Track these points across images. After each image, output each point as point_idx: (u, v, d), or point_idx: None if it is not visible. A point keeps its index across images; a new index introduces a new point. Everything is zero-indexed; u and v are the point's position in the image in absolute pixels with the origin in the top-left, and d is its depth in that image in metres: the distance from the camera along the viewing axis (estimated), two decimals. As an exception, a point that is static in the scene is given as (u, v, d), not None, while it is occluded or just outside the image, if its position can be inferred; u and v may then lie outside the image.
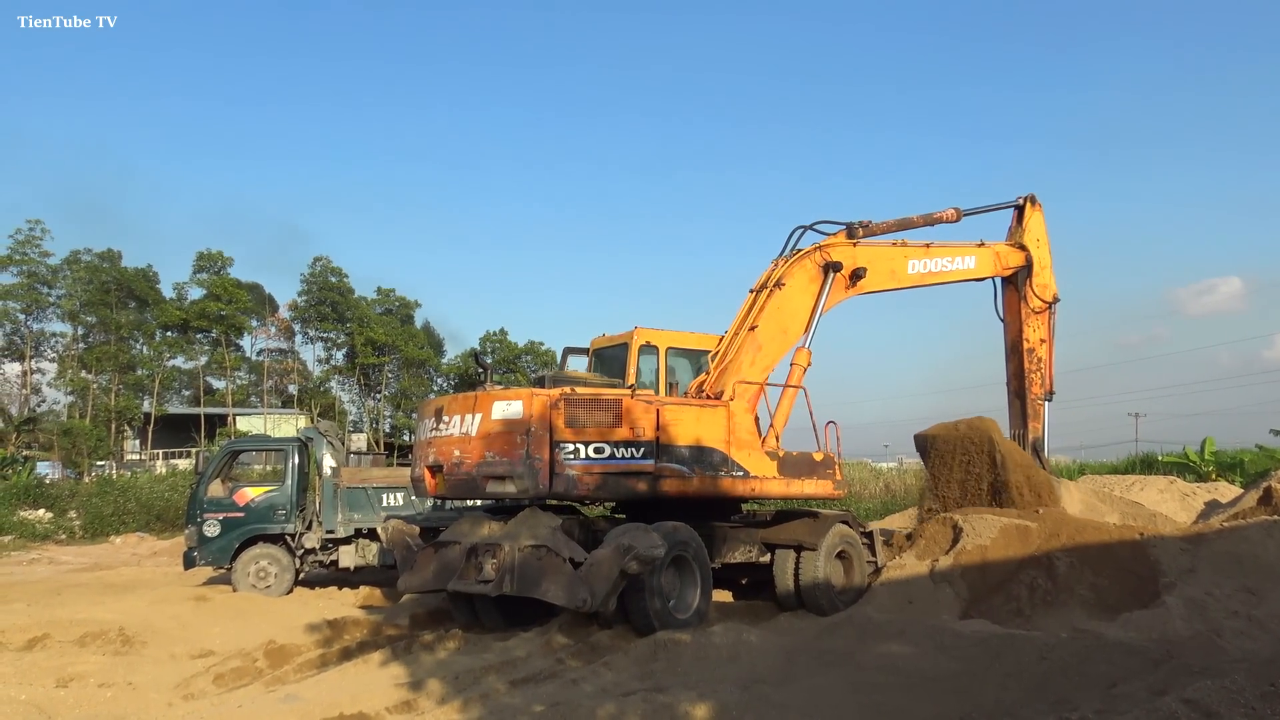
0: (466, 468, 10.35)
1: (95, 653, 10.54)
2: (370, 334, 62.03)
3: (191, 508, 15.92)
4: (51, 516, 30.06)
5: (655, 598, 9.72)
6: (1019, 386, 15.18)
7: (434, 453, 10.81)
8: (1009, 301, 15.24)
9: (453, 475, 10.50)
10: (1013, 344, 15.27)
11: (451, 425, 10.60)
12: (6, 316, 54.06)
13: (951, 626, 9.32)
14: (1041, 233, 15.21)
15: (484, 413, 10.28)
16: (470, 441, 10.35)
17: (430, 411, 11.23)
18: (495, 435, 10.17)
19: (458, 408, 10.65)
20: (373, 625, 11.53)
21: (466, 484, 10.46)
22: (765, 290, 12.50)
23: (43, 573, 21.09)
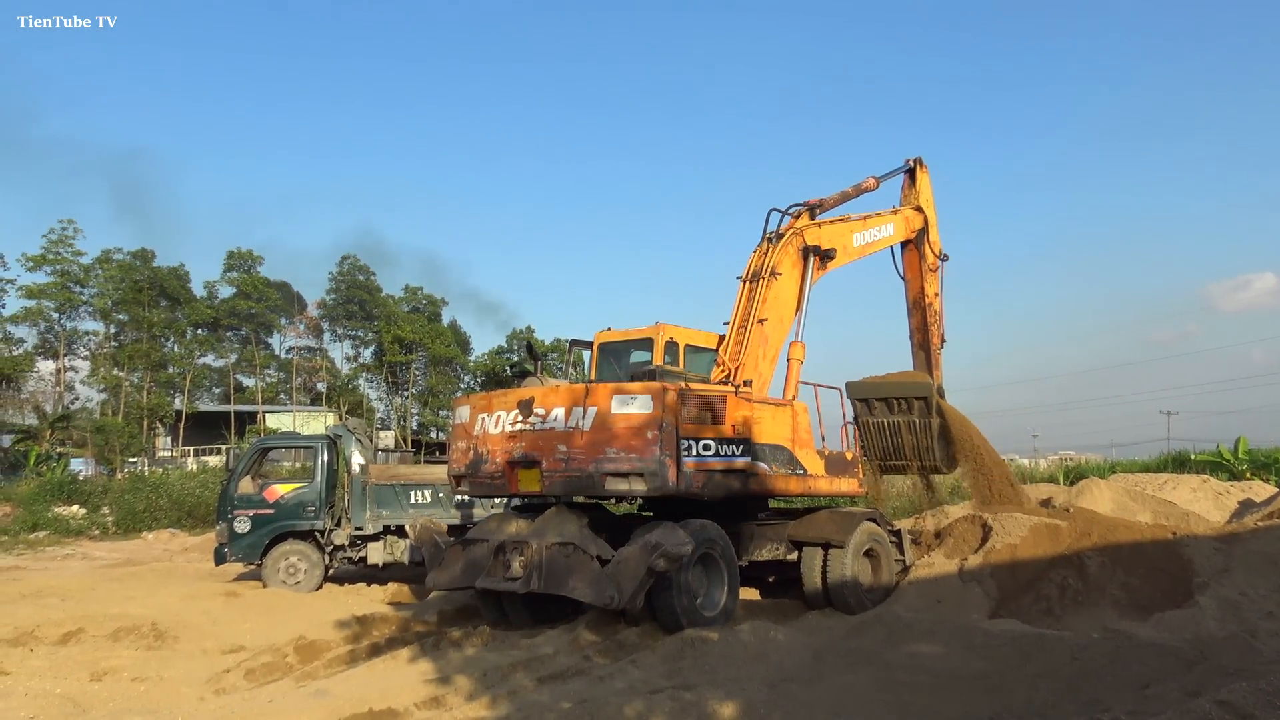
0: (580, 463, 10.00)
1: (128, 647, 10.68)
2: (397, 332, 62.44)
3: (222, 504, 16.07)
4: (85, 513, 30.42)
5: (683, 595, 9.71)
6: (923, 339, 15.90)
7: (520, 447, 10.37)
8: (909, 261, 15.73)
9: (559, 471, 10.09)
10: (914, 301, 15.88)
11: (551, 419, 10.18)
12: (41, 315, 54.72)
13: (981, 626, 9.26)
14: (930, 193, 15.69)
15: (599, 406, 10.02)
16: (583, 436, 10.01)
17: (505, 404, 10.63)
18: (619, 430, 9.98)
19: (558, 400, 10.24)
20: (401, 621, 11.59)
21: (580, 481, 10.08)
22: (762, 280, 12.30)
23: (76, 568, 21.35)
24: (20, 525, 28.61)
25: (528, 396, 10.43)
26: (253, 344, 62.00)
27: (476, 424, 10.86)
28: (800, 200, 13.34)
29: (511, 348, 65.22)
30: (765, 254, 12.55)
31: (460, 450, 10.98)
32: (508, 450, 10.48)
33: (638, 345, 12.43)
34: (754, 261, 12.56)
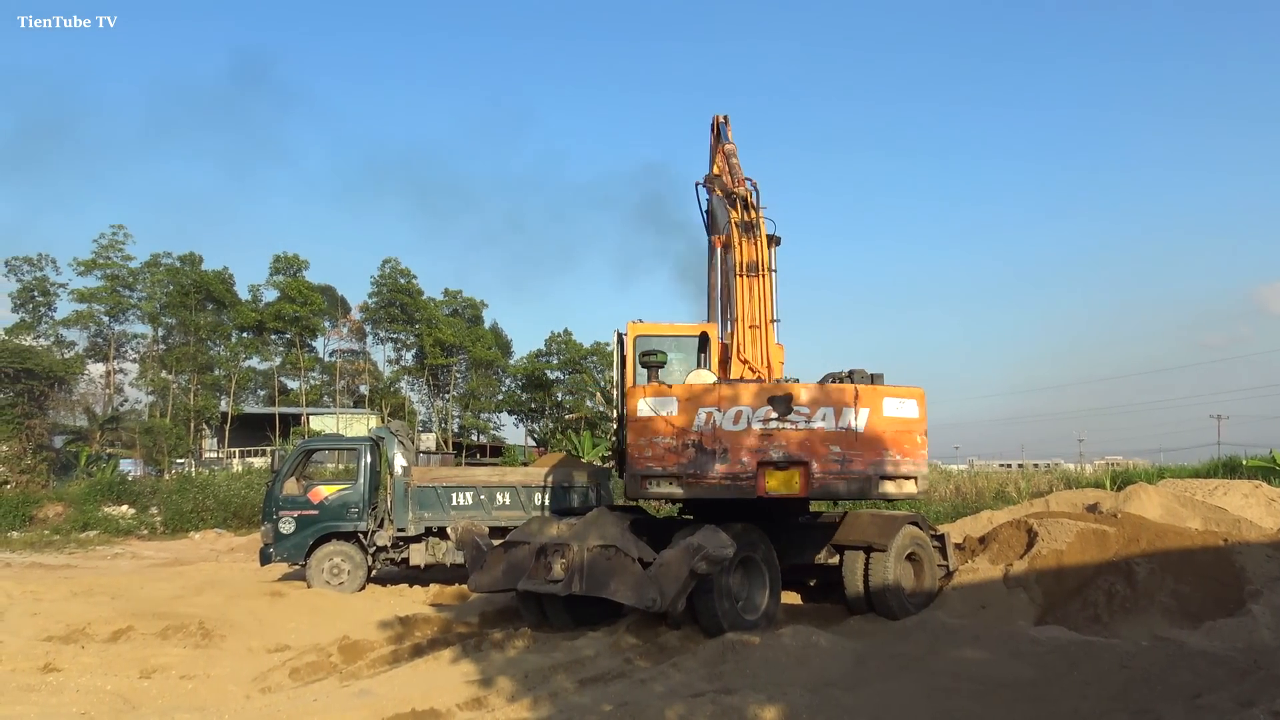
0: (858, 466, 9.99)
1: (176, 645, 10.84)
2: (439, 335, 62.84)
3: (268, 505, 16.26)
4: (134, 512, 30.94)
5: (724, 599, 9.68)
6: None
7: (781, 447, 9.97)
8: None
9: (834, 474, 9.98)
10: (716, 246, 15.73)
11: (818, 418, 9.99)
12: (91, 319, 55.76)
13: (1027, 633, 9.15)
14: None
15: (872, 408, 10.06)
16: (858, 438, 9.97)
17: (748, 399, 10.07)
18: (893, 433, 10.07)
19: (826, 399, 10.08)
20: (443, 623, 11.66)
21: (857, 483, 10.05)
22: (761, 275, 12.07)
23: (126, 567, 21.72)
24: (71, 524, 29.16)
25: (783, 393, 10.04)
26: (297, 347, 62.69)
27: (698, 419, 9.95)
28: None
29: (551, 350, 65.43)
30: (755, 244, 12.30)
31: (663, 447, 9.96)
32: (760, 450, 9.90)
33: (681, 343, 12.22)
34: (747, 253, 12.21)
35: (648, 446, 9.99)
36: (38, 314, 55.14)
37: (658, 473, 9.98)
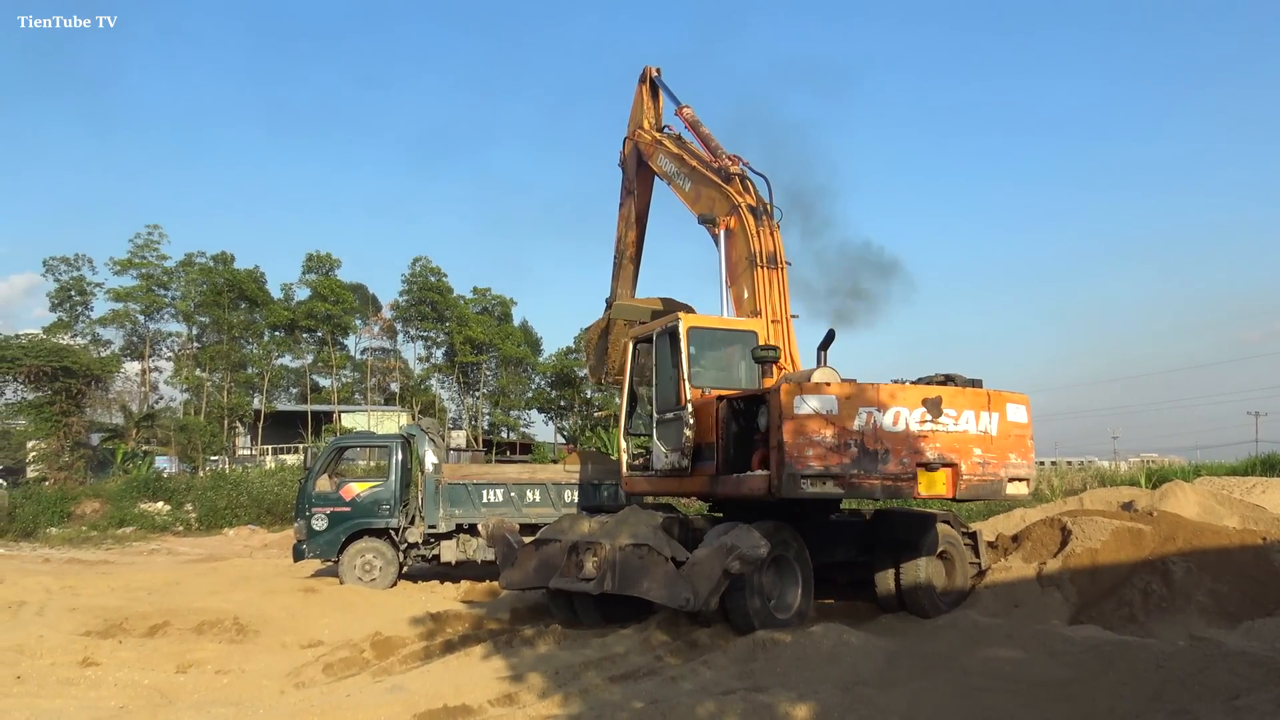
0: (993, 468, 10.33)
1: (212, 640, 10.97)
2: (469, 333, 63.06)
3: (300, 502, 16.42)
4: (169, 509, 31.34)
5: (755, 597, 9.65)
6: (635, 254, 16.16)
7: (935, 449, 10.06)
8: (646, 177, 15.79)
9: (976, 475, 10.25)
10: (640, 213, 16.02)
11: (963, 421, 10.22)
12: (127, 317, 56.46)
13: (1061, 632, 9.05)
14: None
15: (1000, 413, 10.46)
16: (993, 441, 10.35)
17: (905, 400, 10.00)
18: (1014, 436, 10.53)
19: (966, 403, 10.31)
20: (474, 619, 11.72)
21: (991, 485, 10.39)
22: (779, 268, 12.14)
23: (162, 563, 22.01)
24: (108, 521, 29.58)
25: (935, 395, 10.11)
26: (329, 345, 63.14)
27: (858, 418, 9.72)
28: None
29: (580, 348, 65.51)
30: (772, 234, 12.28)
31: (825, 446, 9.63)
32: (918, 450, 9.92)
33: (737, 337, 11.88)
34: (763, 242, 12.17)
35: (807, 445, 9.61)
36: (75, 313, 55.94)
37: (818, 472, 9.63)
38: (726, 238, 12.53)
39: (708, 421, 10.65)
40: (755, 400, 10.42)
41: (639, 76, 15.91)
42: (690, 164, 13.74)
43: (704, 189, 13.28)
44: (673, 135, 14.79)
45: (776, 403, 9.68)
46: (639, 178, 15.87)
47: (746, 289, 12.17)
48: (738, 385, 11.37)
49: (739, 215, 12.38)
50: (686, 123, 14.37)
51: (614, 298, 16.29)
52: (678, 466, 10.89)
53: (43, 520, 29.04)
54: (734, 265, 12.43)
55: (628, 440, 12.33)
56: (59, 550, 25.11)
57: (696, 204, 13.42)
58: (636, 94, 15.95)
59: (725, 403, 10.53)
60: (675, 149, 14.28)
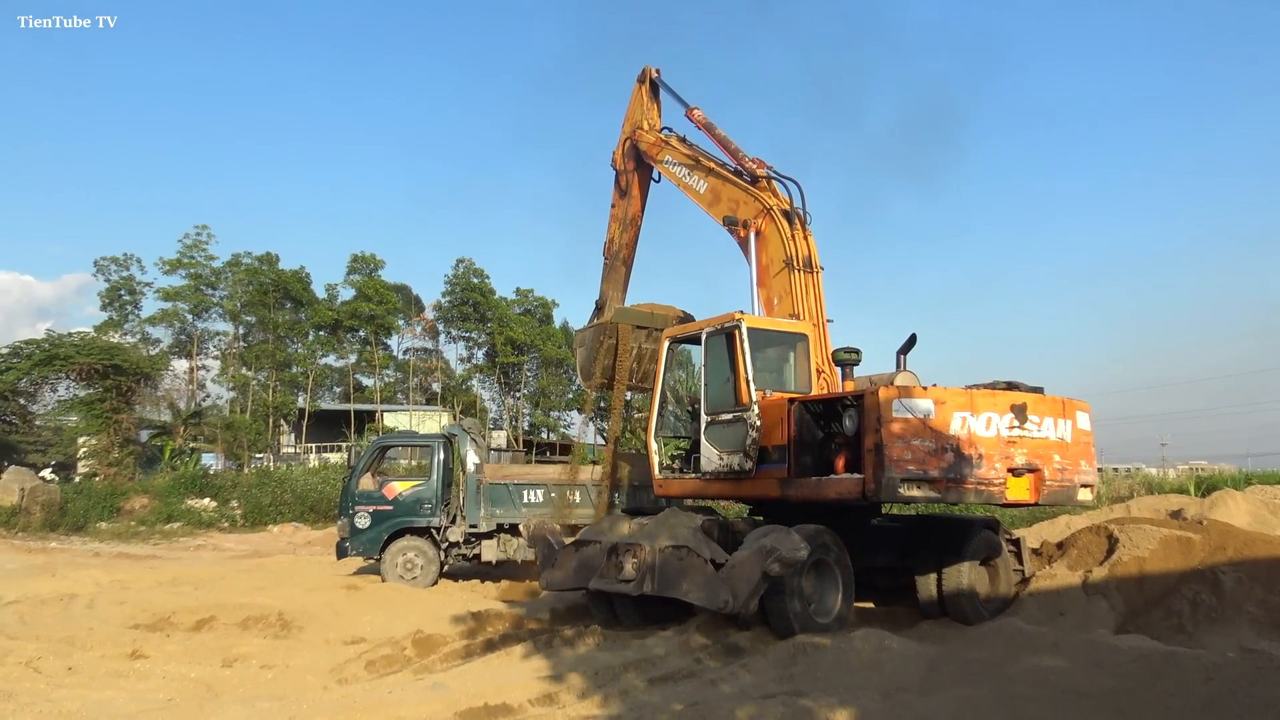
0: (1069, 474, 10.52)
1: (257, 636, 11.12)
2: (510, 333, 63.44)
3: (344, 500, 16.60)
4: (215, 506, 31.80)
5: (795, 600, 9.61)
6: (629, 256, 16.13)
7: (1022, 454, 10.15)
8: (644, 178, 15.77)
9: (1056, 481, 10.40)
10: (634, 215, 15.94)
11: (1044, 428, 10.38)
12: (175, 317, 57.41)
13: (1107, 641, 8.91)
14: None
15: (1073, 420, 10.68)
16: (1068, 447, 10.55)
17: (993, 406, 10.04)
18: (1083, 444, 10.78)
19: (1047, 410, 10.47)
20: (514, 618, 11.78)
21: (1066, 491, 10.57)
22: (815, 273, 12.13)
23: (208, 558, 22.35)
24: (156, 516, 30.07)
25: (1021, 401, 10.23)
26: (372, 345, 63.78)
27: (954, 423, 9.79)
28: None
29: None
30: (806, 238, 12.28)
31: (924, 450, 9.63)
32: (1008, 456, 10.03)
33: (787, 339, 11.83)
34: (799, 247, 12.17)
35: (906, 449, 9.60)
36: (125, 312, 56.97)
37: (916, 476, 9.58)
38: (756, 241, 12.49)
39: (775, 423, 10.58)
40: (833, 402, 10.40)
41: (637, 76, 15.91)
42: (708, 165, 13.71)
43: (725, 191, 13.26)
44: (676, 136, 14.81)
45: (874, 405, 9.62)
46: (636, 179, 15.88)
47: (779, 293, 12.15)
48: (784, 387, 11.33)
49: (771, 218, 12.35)
50: (700, 125, 14.32)
51: (604, 300, 16.39)
52: (738, 469, 10.83)
53: (93, 515, 29.56)
54: (764, 269, 12.41)
55: (658, 442, 12.34)
56: (108, 545, 25.58)
57: (714, 206, 13.39)
58: (635, 94, 15.94)
59: (798, 404, 10.48)
60: (686, 150, 14.28)
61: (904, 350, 10.96)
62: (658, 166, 15.05)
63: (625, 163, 15.98)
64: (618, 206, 16.31)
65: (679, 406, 12.61)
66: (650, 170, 15.63)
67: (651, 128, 15.46)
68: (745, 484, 10.98)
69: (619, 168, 16.16)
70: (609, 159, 16.39)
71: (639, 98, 15.83)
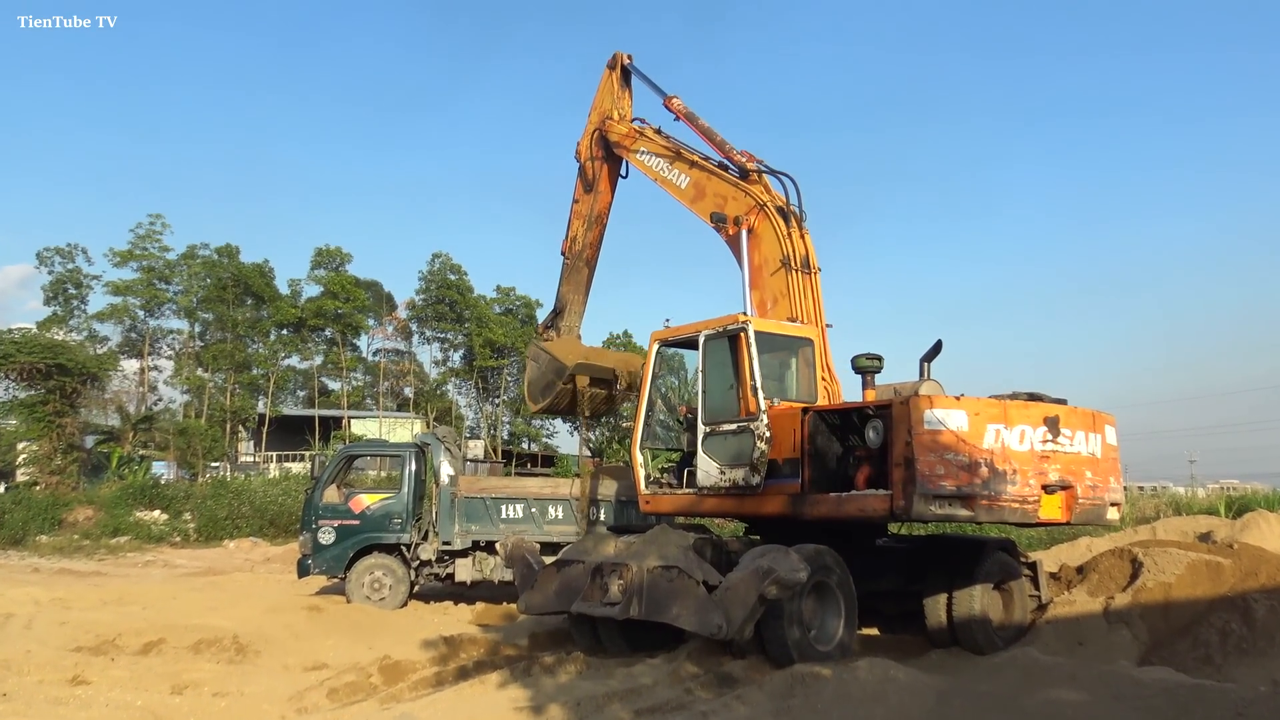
0: (1100, 491, 10.49)
1: (209, 660, 11.07)
2: (489, 335, 63.28)
3: (306, 514, 16.55)
4: (166, 518, 31.71)
5: (794, 626, 9.60)
6: (593, 256, 16.32)
7: (1056, 470, 10.08)
8: (613, 171, 15.91)
9: (1087, 499, 10.36)
10: (601, 212, 16.07)
11: (1076, 442, 10.33)
12: (126, 313, 57.23)
13: (1129, 673, 8.94)
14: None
15: (1101, 434, 10.65)
16: (1099, 463, 10.55)
17: (1027, 418, 10.01)
18: (1111, 460, 10.79)
19: (1079, 423, 10.42)
20: (490, 644, 11.75)
21: (1097, 510, 10.55)
22: (812, 274, 12.19)
23: (157, 575, 22.26)
24: (102, 530, 29.96)
25: (1054, 413, 10.21)
26: (339, 346, 63.66)
27: (988, 435, 9.71)
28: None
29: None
30: (803, 236, 12.33)
31: (956, 465, 9.57)
32: (1041, 471, 9.98)
33: (792, 343, 11.81)
34: (796, 246, 12.23)
35: (938, 464, 9.49)
36: (70, 307, 56.85)
37: (950, 492, 9.49)
38: (749, 239, 12.50)
39: (786, 434, 10.54)
40: (853, 413, 10.41)
41: (607, 63, 15.92)
42: (690, 158, 13.72)
43: (711, 186, 13.27)
44: (652, 127, 14.83)
45: (904, 416, 9.56)
46: (604, 173, 15.91)
47: (775, 295, 12.17)
48: (786, 395, 11.33)
49: (765, 215, 12.39)
50: (680, 115, 14.31)
51: (563, 304, 16.47)
52: (744, 484, 10.80)
53: (32, 527, 29.43)
54: (757, 269, 12.43)
55: (644, 454, 12.32)
56: (49, 560, 25.46)
57: (698, 202, 13.40)
58: (604, 81, 15.95)
59: (812, 414, 10.47)
60: (665, 141, 14.30)
61: (928, 358, 10.93)
62: (630, 159, 15.06)
63: (593, 155, 15.99)
64: (581, 202, 16.35)
65: (669, 415, 12.58)
66: (620, 163, 15.68)
67: (622, 118, 15.49)
68: (750, 500, 10.94)
69: (584, 160, 16.19)
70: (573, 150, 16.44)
71: (609, 85, 15.84)
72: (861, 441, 10.16)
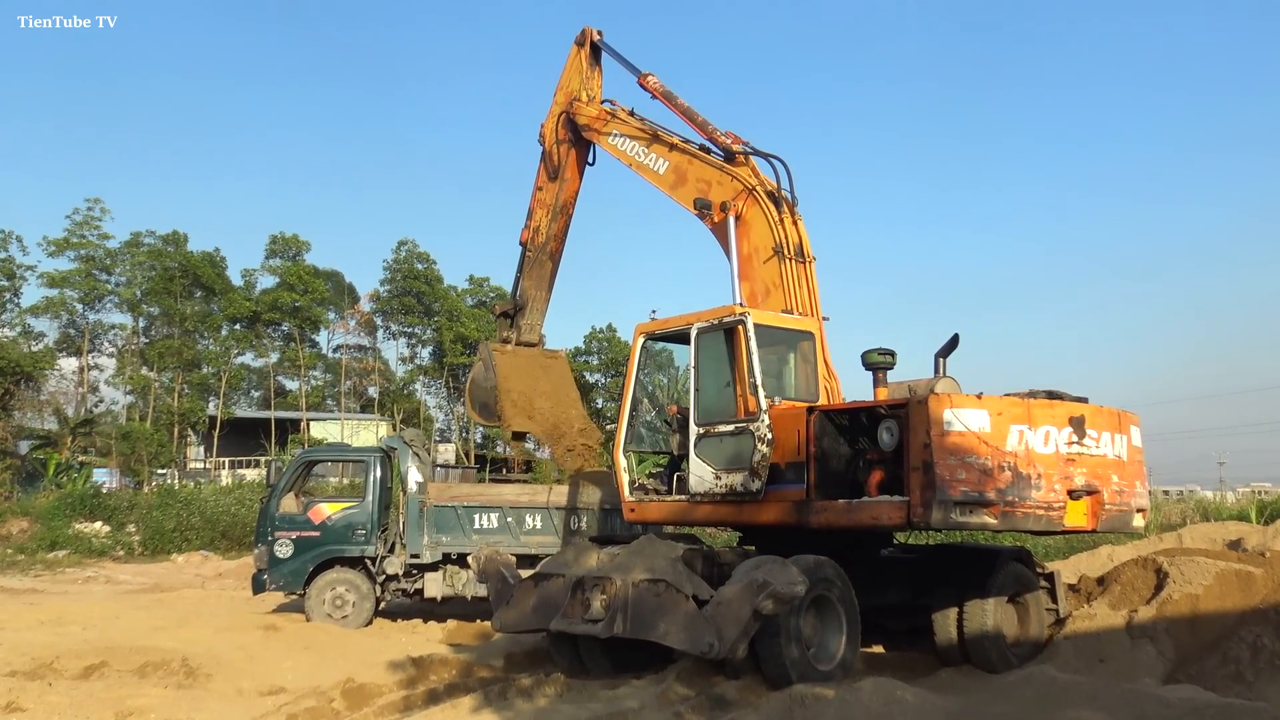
0: (1126, 497, 10.50)
1: (156, 685, 11.01)
2: (461, 329, 63.06)
3: (261, 525, 16.50)
4: (109, 530, 31.57)
5: (792, 644, 9.62)
6: (557, 249, 16.52)
7: (1082, 474, 10.10)
8: (581, 156, 16.09)
9: (1114, 505, 10.35)
10: (568, 200, 16.25)
11: (1102, 444, 10.33)
12: (63, 306, 56.84)
13: (1154, 692, 9.00)
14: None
15: (1127, 435, 10.68)
16: (1125, 467, 10.57)
17: (1052, 418, 10.04)
18: (1137, 462, 10.84)
19: (1105, 423, 10.43)
20: (462, 665, 11.75)
21: (1123, 517, 10.55)
22: (807, 262, 12.29)
23: (99, 592, 22.17)
24: (38, 543, 29.81)
25: (1079, 413, 10.18)
26: (297, 342, 63.43)
27: (1011, 437, 9.73)
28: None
29: (591, 350, 65.59)
30: (796, 223, 12.40)
31: (979, 469, 9.58)
32: (1067, 475, 10.01)
33: (791, 337, 11.75)
34: (789, 233, 12.31)
35: (960, 468, 9.47)
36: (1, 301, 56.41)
37: (972, 498, 9.49)
38: (737, 226, 12.53)
39: (789, 436, 10.52)
40: (863, 412, 10.43)
41: (575, 39, 15.92)
42: (669, 140, 13.76)
43: (693, 170, 13.32)
44: (624, 109, 14.86)
45: (923, 416, 9.54)
46: (571, 159, 15.96)
47: (767, 285, 12.21)
48: (785, 393, 11.31)
49: (755, 200, 12.43)
50: (656, 93, 14.36)
51: (524, 300, 16.54)
52: (742, 490, 10.79)
53: (-39, 542, 29.29)
54: (747, 258, 12.47)
55: (627, 457, 12.33)
56: (-20, 576, 25.33)
57: (678, 188, 13.44)
58: (571, 59, 15.98)
59: (819, 414, 10.45)
60: (639, 123, 14.33)
61: (944, 353, 10.97)
62: (601, 144, 15.08)
63: (559, 139, 16.01)
64: (545, 190, 16.37)
65: (656, 416, 12.59)
66: (589, 148, 15.70)
67: (592, 99, 15.50)
68: (749, 508, 10.94)
69: (549, 145, 16.19)
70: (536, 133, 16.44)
71: (576, 63, 15.87)
72: (872, 444, 10.18)
